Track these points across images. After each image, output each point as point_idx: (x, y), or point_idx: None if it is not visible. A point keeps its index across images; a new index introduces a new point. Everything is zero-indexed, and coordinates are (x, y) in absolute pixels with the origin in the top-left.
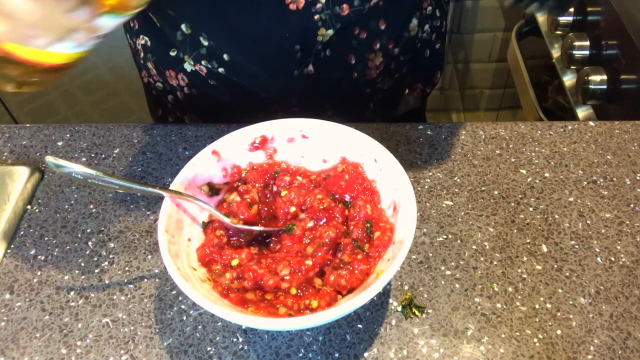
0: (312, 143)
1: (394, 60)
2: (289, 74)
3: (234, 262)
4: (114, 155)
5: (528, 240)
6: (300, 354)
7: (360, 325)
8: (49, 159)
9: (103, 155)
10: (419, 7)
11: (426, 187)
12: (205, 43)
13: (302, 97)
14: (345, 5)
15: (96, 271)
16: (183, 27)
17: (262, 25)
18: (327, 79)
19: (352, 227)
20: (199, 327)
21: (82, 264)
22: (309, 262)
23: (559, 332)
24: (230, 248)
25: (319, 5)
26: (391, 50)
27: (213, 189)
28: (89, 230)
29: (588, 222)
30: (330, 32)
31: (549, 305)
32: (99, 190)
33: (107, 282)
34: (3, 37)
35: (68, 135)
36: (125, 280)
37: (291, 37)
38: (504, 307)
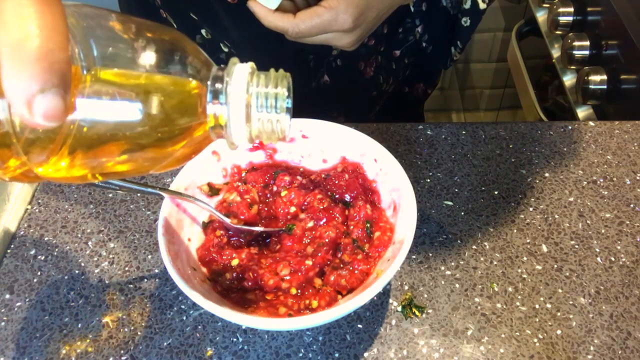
0: (312, 143)
1: (400, 63)
2: (306, 86)
3: (234, 262)
4: None
5: (528, 240)
6: (300, 354)
7: (360, 325)
8: None
9: None
10: (419, 12)
11: (426, 187)
12: (226, 49)
13: (314, 106)
14: None
15: (96, 271)
16: (203, 32)
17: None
18: (339, 87)
19: (352, 227)
20: (199, 327)
21: (82, 264)
22: (309, 262)
23: (559, 332)
24: (230, 248)
25: None
26: (396, 54)
27: (213, 189)
28: (89, 230)
29: (588, 222)
30: None
31: (549, 305)
32: (99, 190)
33: (107, 282)
34: None
35: None
36: (125, 280)
37: (306, 46)
38: (504, 307)
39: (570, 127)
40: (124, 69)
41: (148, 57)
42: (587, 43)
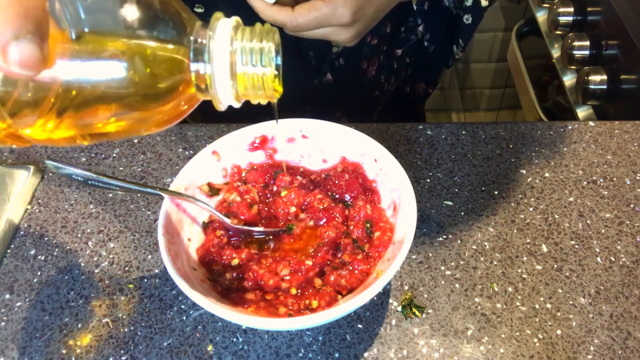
0: (312, 143)
1: (402, 63)
2: (308, 83)
3: (234, 262)
4: (114, 155)
5: (528, 240)
6: (300, 354)
7: (360, 325)
8: (49, 162)
9: (103, 155)
10: (422, 11)
11: (426, 187)
12: None
13: (317, 105)
14: None
15: (96, 271)
16: None
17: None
18: (342, 87)
19: (352, 227)
20: (199, 327)
21: (82, 264)
22: (309, 262)
23: (559, 332)
24: (230, 248)
25: None
26: (398, 53)
27: (213, 189)
28: (89, 230)
29: (588, 222)
30: None
31: (549, 305)
32: (99, 190)
33: (107, 282)
34: None
35: None
36: (125, 280)
37: (305, 41)
38: (504, 307)
39: (570, 127)
40: (110, 28)
41: (134, 17)
42: (587, 43)
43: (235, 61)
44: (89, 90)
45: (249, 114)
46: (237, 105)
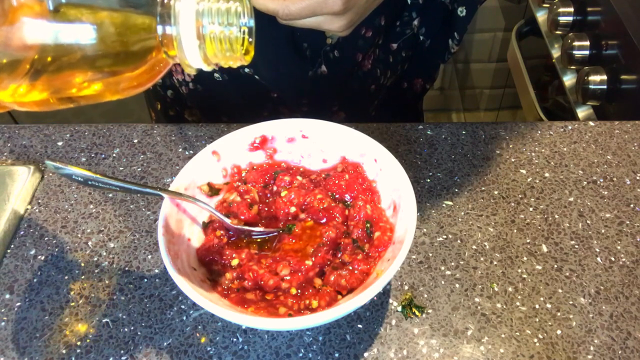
0: (312, 143)
1: (397, 57)
2: (303, 74)
3: (234, 262)
4: (114, 155)
5: (528, 240)
6: (300, 354)
7: (360, 325)
8: (49, 162)
9: (103, 155)
10: (416, 4)
11: (426, 187)
12: None
13: (313, 97)
14: None
15: (96, 271)
16: None
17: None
18: (337, 79)
19: (352, 227)
20: (199, 327)
21: (82, 264)
22: (309, 262)
23: (559, 332)
24: (230, 248)
25: None
26: (393, 47)
27: (213, 189)
28: (89, 230)
29: (588, 222)
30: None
31: (549, 305)
32: (99, 190)
33: (107, 282)
34: None
35: (68, 135)
36: (125, 280)
37: (299, 30)
38: (504, 307)
39: (570, 127)
40: None
41: None
42: (587, 43)
43: (201, 22)
44: (64, 56)
45: (249, 113)
46: (207, 68)
